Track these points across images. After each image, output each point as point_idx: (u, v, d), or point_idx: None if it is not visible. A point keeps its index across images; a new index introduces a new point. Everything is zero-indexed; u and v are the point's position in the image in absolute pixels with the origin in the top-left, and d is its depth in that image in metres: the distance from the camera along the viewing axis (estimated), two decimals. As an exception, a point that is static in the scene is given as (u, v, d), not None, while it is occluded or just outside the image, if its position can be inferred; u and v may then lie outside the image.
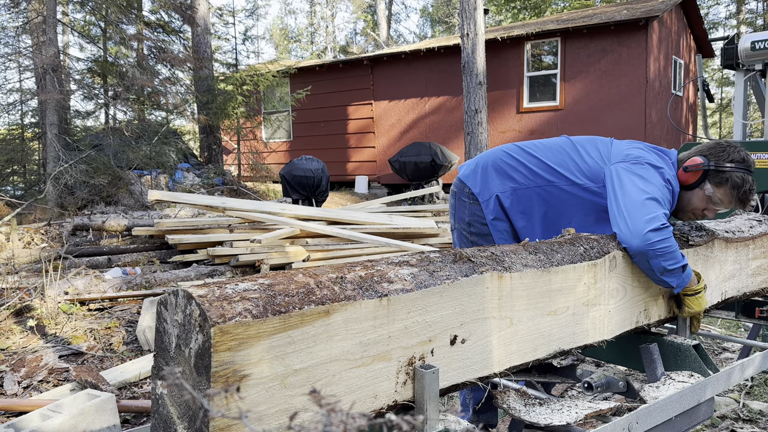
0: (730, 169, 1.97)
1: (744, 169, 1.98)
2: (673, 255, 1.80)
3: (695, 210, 2.07)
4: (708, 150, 2.03)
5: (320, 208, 8.31)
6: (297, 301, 1.07)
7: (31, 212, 8.95)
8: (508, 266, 1.46)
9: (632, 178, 1.91)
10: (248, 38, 14.28)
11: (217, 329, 0.95)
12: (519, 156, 2.22)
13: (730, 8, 27.79)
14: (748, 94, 3.94)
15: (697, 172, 2.00)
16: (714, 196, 2.01)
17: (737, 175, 1.97)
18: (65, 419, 2.27)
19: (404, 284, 1.24)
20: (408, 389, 1.24)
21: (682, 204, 2.07)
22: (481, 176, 2.25)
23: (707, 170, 1.99)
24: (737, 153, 1.99)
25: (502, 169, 2.21)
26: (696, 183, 2.01)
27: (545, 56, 12.59)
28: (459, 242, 2.36)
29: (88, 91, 10.98)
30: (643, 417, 1.51)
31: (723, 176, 1.98)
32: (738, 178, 1.97)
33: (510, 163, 2.21)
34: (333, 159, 14.33)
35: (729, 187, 1.99)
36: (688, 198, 2.05)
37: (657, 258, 1.78)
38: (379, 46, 26.98)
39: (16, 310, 4.28)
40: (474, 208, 2.25)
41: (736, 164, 1.98)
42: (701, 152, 2.03)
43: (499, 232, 2.21)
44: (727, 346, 4.16)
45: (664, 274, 1.82)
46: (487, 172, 2.23)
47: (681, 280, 1.87)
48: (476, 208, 2.24)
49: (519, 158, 2.21)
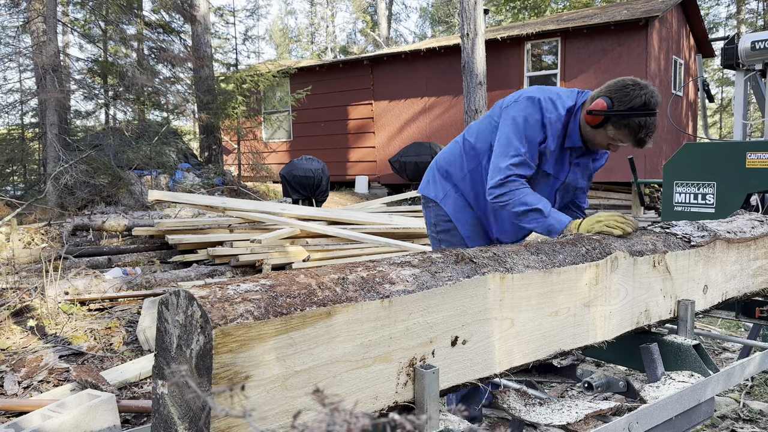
0: (631, 114, 2.07)
1: (644, 114, 2.07)
2: (518, 202, 2.09)
3: (599, 144, 2.24)
4: (614, 92, 2.11)
5: (320, 208, 8.31)
6: (299, 303, 1.06)
7: (31, 212, 8.95)
8: (510, 267, 1.45)
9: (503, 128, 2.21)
10: (248, 38, 14.30)
11: (219, 331, 0.95)
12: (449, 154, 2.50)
13: (730, 8, 27.80)
14: (748, 94, 3.94)
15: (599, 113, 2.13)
16: (615, 137, 2.15)
17: (636, 120, 2.07)
18: (66, 419, 2.27)
19: (406, 285, 1.24)
20: (408, 390, 1.24)
21: (588, 137, 2.23)
22: (432, 183, 2.54)
23: (608, 116, 2.11)
24: (640, 98, 2.07)
25: (444, 168, 2.50)
26: (599, 125, 2.14)
27: (545, 56, 12.59)
28: (432, 245, 2.63)
29: (88, 91, 10.98)
30: (643, 417, 1.51)
31: (623, 122, 2.09)
32: (636, 124, 2.07)
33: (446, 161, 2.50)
34: (333, 159, 14.33)
35: (628, 131, 2.11)
36: (593, 134, 2.20)
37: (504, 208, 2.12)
38: (379, 46, 26.98)
39: (16, 310, 4.29)
40: (437, 210, 2.53)
41: (637, 109, 2.07)
42: (608, 94, 2.13)
43: (461, 222, 2.47)
44: (727, 346, 4.16)
45: (521, 221, 2.10)
46: (435, 178, 2.53)
47: (546, 225, 2.06)
48: (439, 210, 2.52)
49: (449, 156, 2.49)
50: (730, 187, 3.13)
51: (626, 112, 2.08)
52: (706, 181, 3.22)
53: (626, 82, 2.11)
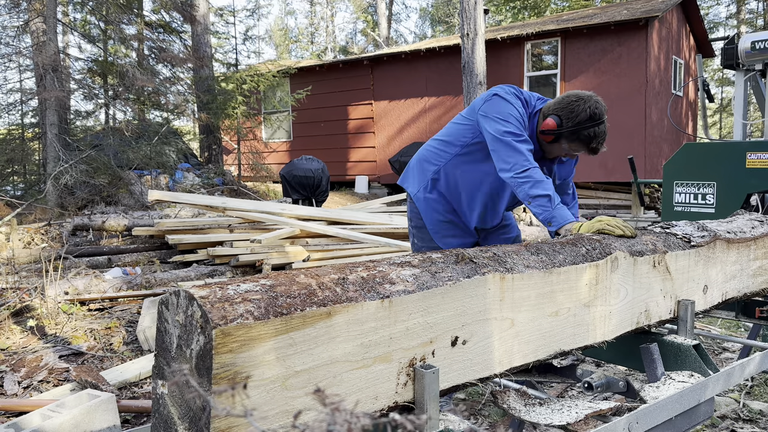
0: (580, 128, 2.20)
1: (592, 125, 2.19)
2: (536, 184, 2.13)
3: (557, 155, 2.36)
4: (561, 110, 2.24)
5: (320, 208, 8.31)
6: (299, 303, 1.06)
7: (31, 212, 8.94)
8: (510, 267, 1.45)
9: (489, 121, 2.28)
10: (248, 38, 14.30)
11: (219, 331, 0.95)
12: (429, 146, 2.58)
13: (730, 8, 27.80)
14: (748, 94, 3.94)
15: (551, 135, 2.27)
16: (570, 149, 2.28)
17: (585, 133, 2.20)
18: (65, 419, 2.27)
19: (406, 285, 1.24)
20: (408, 390, 1.23)
21: (545, 149, 2.36)
22: (409, 175, 2.63)
23: (560, 133, 2.25)
24: (585, 112, 2.19)
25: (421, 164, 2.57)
26: (553, 141, 2.29)
27: (545, 56, 12.59)
28: (411, 242, 2.71)
29: (88, 91, 10.98)
30: (643, 417, 1.51)
31: (573, 136, 2.23)
32: (585, 136, 2.20)
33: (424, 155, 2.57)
34: (333, 159, 14.32)
35: (579, 143, 2.24)
36: (549, 148, 2.34)
37: (522, 186, 2.15)
38: (379, 46, 26.97)
39: (16, 310, 4.29)
40: (411, 206, 2.62)
41: (585, 123, 2.19)
42: (555, 112, 2.25)
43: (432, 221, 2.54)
44: (727, 346, 4.16)
45: (531, 202, 2.14)
46: (413, 173, 2.60)
47: (551, 215, 2.10)
48: (412, 206, 2.61)
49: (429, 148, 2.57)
50: (730, 187, 3.13)
51: (575, 127, 2.21)
52: (706, 181, 3.22)
53: (570, 98, 2.25)
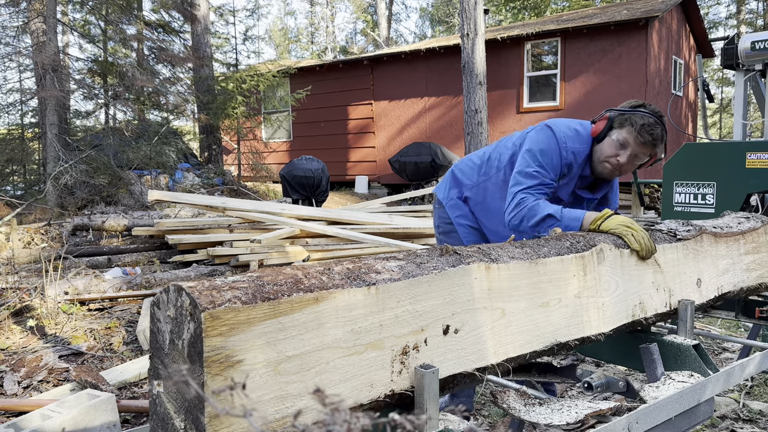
0: (631, 111, 2.19)
1: (645, 112, 2.17)
2: (530, 215, 2.12)
3: (608, 157, 2.25)
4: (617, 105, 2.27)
5: (320, 208, 8.31)
6: (285, 290, 1.09)
7: (31, 212, 8.95)
8: (495, 258, 1.48)
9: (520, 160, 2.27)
10: (248, 38, 14.30)
11: (208, 314, 0.97)
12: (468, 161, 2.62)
13: (730, 8, 27.81)
14: (748, 94, 3.94)
15: (603, 120, 2.25)
16: (620, 138, 2.21)
17: (638, 114, 2.17)
18: (65, 419, 2.27)
19: (392, 274, 1.26)
20: (404, 378, 1.25)
21: (597, 155, 2.28)
22: (444, 185, 2.67)
23: (612, 117, 2.23)
24: (639, 101, 2.22)
25: (458, 175, 2.62)
26: (604, 131, 2.24)
27: (545, 56, 12.59)
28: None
29: (88, 91, 10.98)
30: (643, 417, 1.51)
31: (624, 117, 2.20)
32: (639, 117, 2.17)
33: (462, 169, 2.62)
34: (333, 159, 14.33)
35: (630, 126, 2.18)
36: (601, 148, 2.27)
37: (520, 225, 2.14)
38: (379, 46, 26.99)
39: (16, 310, 4.29)
40: (440, 212, 2.66)
41: (638, 107, 2.19)
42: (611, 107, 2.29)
43: (462, 226, 2.58)
44: (727, 346, 4.16)
45: (539, 231, 2.10)
46: (448, 182, 2.65)
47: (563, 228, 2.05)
48: (442, 211, 2.64)
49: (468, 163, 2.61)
50: (730, 187, 3.13)
51: (627, 110, 2.20)
52: (706, 181, 3.22)
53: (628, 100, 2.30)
